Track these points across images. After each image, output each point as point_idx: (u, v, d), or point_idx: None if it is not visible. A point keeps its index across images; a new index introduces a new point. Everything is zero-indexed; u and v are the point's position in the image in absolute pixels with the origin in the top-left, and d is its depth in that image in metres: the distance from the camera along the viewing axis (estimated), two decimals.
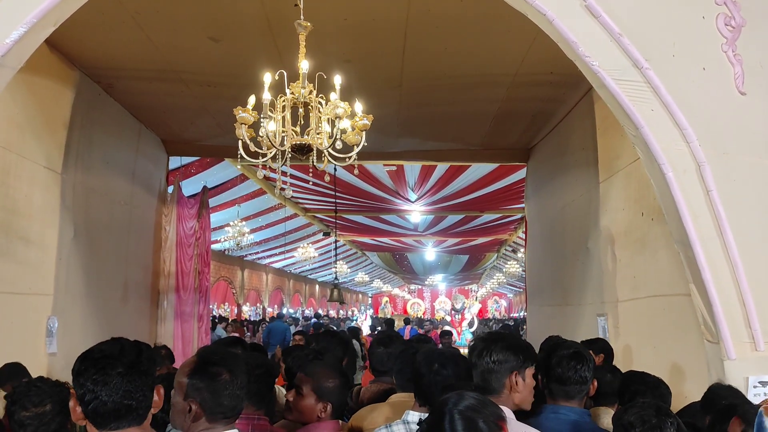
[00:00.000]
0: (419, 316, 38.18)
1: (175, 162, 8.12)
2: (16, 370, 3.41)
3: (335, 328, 12.21)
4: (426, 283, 37.53)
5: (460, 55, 4.74)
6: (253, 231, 14.31)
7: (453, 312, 16.40)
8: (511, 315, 35.37)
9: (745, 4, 2.87)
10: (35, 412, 2.31)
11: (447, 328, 15.39)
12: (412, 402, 2.45)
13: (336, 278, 11.20)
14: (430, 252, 22.49)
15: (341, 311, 33.94)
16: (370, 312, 31.34)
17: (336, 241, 12.61)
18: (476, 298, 29.49)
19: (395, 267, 28.80)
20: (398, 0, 3.99)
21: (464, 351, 4.08)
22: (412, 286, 44.65)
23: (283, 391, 3.41)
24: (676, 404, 2.82)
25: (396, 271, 31.23)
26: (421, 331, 16.28)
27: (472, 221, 15.04)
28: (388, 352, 3.22)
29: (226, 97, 5.32)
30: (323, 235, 16.35)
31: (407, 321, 17.94)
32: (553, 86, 5.40)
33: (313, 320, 17.14)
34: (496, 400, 1.99)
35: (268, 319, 17.24)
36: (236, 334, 9.29)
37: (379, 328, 12.84)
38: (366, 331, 17.86)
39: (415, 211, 13.71)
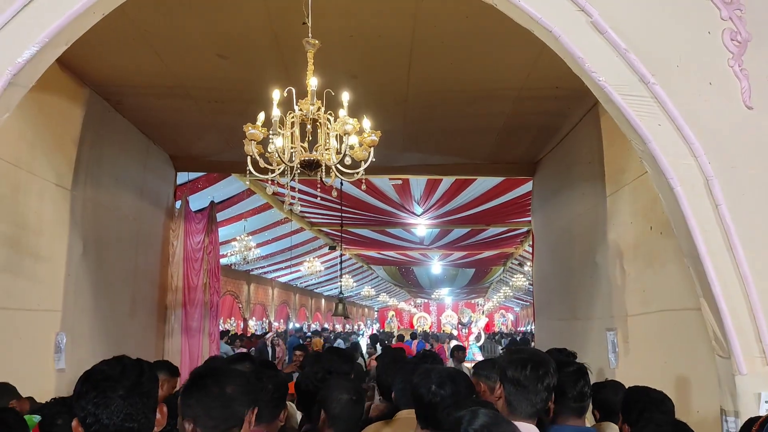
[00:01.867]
0: (426, 329, 37.92)
1: (182, 177, 8.15)
2: (3, 389, 3.27)
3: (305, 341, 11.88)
4: (432, 296, 37.44)
5: (465, 70, 4.77)
6: (259, 245, 14.38)
7: (460, 326, 16.39)
8: (518, 329, 35.11)
9: (751, 19, 2.86)
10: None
11: (457, 342, 15.31)
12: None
13: (341, 292, 11.14)
14: (436, 265, 22.54)
15: (347, 325, 33.81)
16: (377, 326, 31.22)
17: (342, 255, 12.55)
18: (483, 311, 29.39)
19: (401, 281, 28.78)
20: (404, 16, 4.01)
21: (471, 365, 4.05)
22: (419, 300, 44.44)
23: (295, 408, 3.40)
24: (687, 420, 2.80)
25: (402, 284, 31.17)
26: (427, 346, 16.23)
27: (478, 234, 15.04)
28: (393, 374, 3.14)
29: (233, 113, 5.34)
30: (329, 248, 16.40)
31: (414, 335, 17.91)
32: (558, 100, 5.41)
33: (290, 339, 17.10)
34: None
35: (275, 334, 17.15)
36: (244, 349, 9.26)
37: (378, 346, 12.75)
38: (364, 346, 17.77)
39: (421, 225, 13.74)
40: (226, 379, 1.84)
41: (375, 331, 24.19)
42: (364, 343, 17.46)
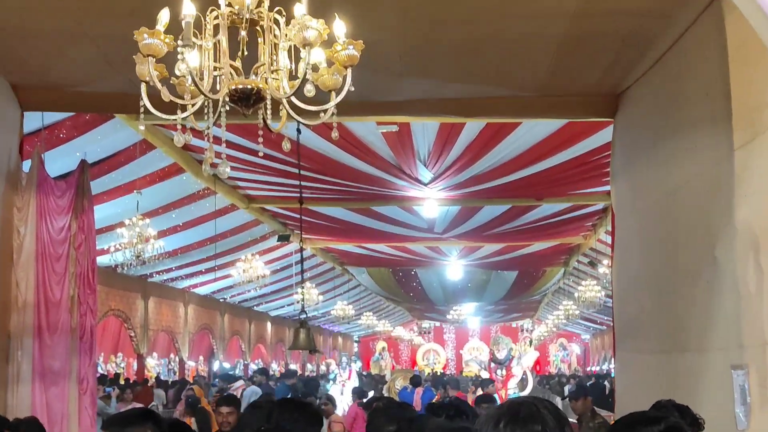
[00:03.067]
0: (437, 370, 38.01)
1: (33, 121, 8.10)
2: None
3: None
4: (448, 317, 37.46)
5: None
6: (163, 234, 14.43)
7: (493, 365, 16.47)
8: (589, 368, 35.33)
9: None
10: None
11: (489, 387, 15.43)
12: None
13: (303, 310, 11.02)
14: (454, 267, 22.47)
15: (310, 364, 34.11)
16: (357, 366, 31.33)
17: (301, 250, 12.49)
18: (531, 341, 29.50)
19: (397, 292, 28.77)
20: None
21: None
22: (426, 323, 44.51)
23: None
24: None
25: (399, 298, 31.24)
26: (438, 396, 16.26)
27: (522, 215, 15.07)
28: None
29: (118, 13, 5.28)
30: (279, 240, 16.39)
31: (416, 381, 17.94)
32: None
33: (279, 387, 17.27)
34: None
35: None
36: (140, 404, 9.31)
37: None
38: (346, 402, 17.92)
39: (430, 200, 13.78)
40: None
41: (356, 372, 24.25)
42: (339, 395, 17.53)
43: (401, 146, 10.76)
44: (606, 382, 20.65)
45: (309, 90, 3.33)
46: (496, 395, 15.07)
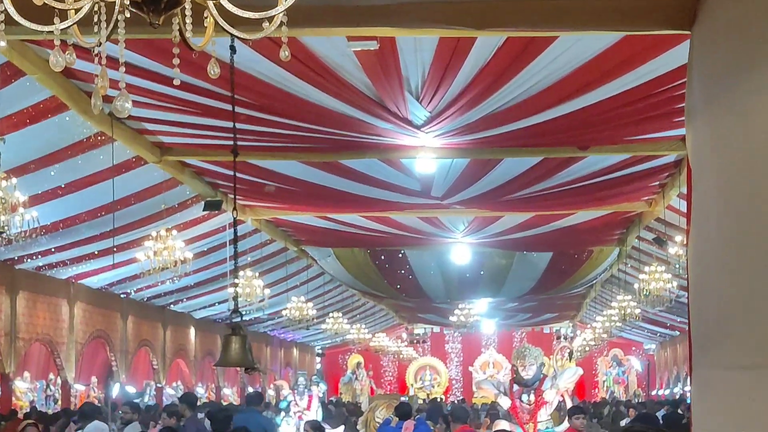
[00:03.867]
0: (436, 395, 37.66)
1: None
2: None
3: None
4: (452, 319, 37.42)
5: None
6: (36, 201, 14.26)
7: (517, 388, 16.25)
8: (654, 392, 35.17)
9: None
10: None
11: (503, 426, 15.30)
12: None
13: (237, 310, 10.93)
14: (460, 247, 22.61)
15: (252, 388, 34.02)
16: (320, 389, 31.17)
17: (235, 224, 12.41)
18: (570, 354, 29.21)
19: (377, 284, 29.07)
20: None
21: None
22: (419, 329, 44.20)
23: None
24: None
25: (380, 292, 31.59)
26: None
27: (558, 172, 15.23)
28: None
29: None
30: (206, 209, 16.52)
31: (405, 411, 17.91)
32: None
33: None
34: None
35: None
36: None
37: None
38: None
39: (425, 150, 13.87)
40: None
41: (319, 399, 24.19)
42: None
43: (383, 72, 10.73)
44: (683, 411, 20.30)
45: None
46: (519, 428, 15.33)
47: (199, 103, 11.49)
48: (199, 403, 22.05)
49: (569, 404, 17.64)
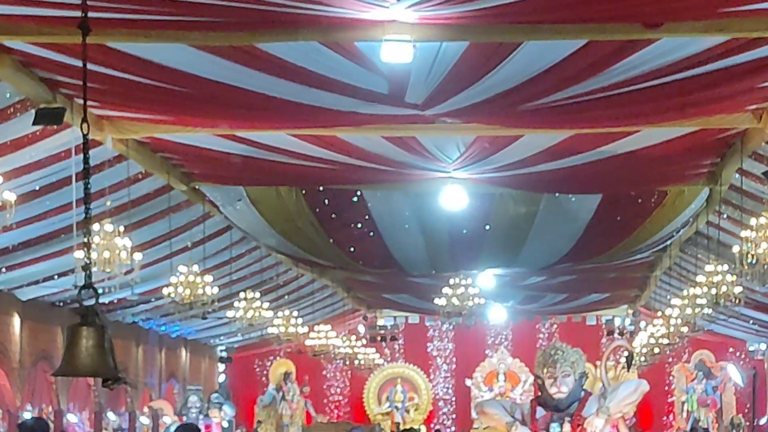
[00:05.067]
0: (411, 424, 33.44)
1: None
2: None
3: None
4: (438, 302, 31.30)
5: None
6: None
7: (542, 413, 12.99)
8: (762, 422, 31.04)
9: None
10: None
11: None
12: None
13: (89, 284, 8.71)
14: (450, 190, 19.75)
15: (114, 413, 29.65)
16: (226, 414, 27.57)
17: (86, 147, 9.63)
18: (629, 357, 24.90)
19: (318, 245, 24.78)
20: None
21: None
22: (385, 318, 39.89)
23: None
24: None
25: (323, 258, 27.28)
26: None
27: (613, 64, 13.22)
28: None
29: None
30: (38, 121, 14.49)
31: None
32: None
33: None
34: None
35: None
36: None
37: None
38: None
39: (396, 25, 11.87)
40: None
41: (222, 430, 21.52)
42: None
43: None
44: None
45: None
46: None
47: None
48: None
49: None
